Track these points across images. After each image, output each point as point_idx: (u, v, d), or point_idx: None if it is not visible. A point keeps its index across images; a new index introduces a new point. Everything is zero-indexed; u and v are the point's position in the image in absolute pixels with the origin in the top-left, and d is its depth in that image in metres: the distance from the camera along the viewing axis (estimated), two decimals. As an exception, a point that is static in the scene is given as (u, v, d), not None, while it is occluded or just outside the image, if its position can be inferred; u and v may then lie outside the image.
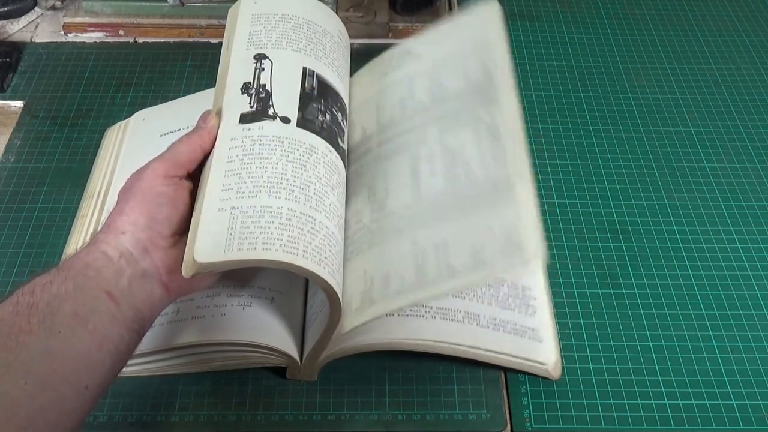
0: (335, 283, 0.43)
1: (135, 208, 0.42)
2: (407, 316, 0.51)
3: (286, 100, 0.48)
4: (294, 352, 0.50)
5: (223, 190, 0.43)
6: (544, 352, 0.52)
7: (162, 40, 0.77)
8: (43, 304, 0.38)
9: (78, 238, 0.57)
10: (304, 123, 0.47)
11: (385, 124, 0.53)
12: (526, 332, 0.52)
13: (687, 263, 0.60)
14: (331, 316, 0.44)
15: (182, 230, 0.44)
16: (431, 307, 0.51)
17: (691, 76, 0.76)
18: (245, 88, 0.48)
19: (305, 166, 0.45)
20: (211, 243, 0.41)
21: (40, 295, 0.38)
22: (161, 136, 0.60)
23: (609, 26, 0.81)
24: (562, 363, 0.53)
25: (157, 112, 0.65)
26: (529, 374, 0.53)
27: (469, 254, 0.43)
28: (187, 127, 0.47)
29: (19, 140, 0.68)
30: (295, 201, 0.43)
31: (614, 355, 0.54)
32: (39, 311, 0.38)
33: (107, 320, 0.40)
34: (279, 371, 0.52)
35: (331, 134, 0.49)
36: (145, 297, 0.42)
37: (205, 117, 0.47)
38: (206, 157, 0.46)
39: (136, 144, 0.62)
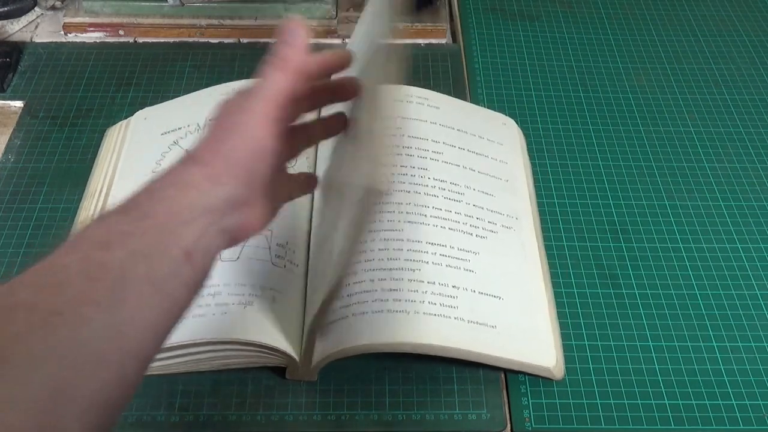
0: None
1: (240, 162, 0.36)
2: (407, 313, 0.51)
3: None
4: (294, 352, 0.50)
5: None
6: (547, 353, 0.52)
7: (162, 40, 0.77)
8: (117, 264, 0.31)
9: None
10: None
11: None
12: (527, 333, 0.53)
13: (687, 263, 0.60)
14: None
15: (267, 189, 0.39)
16: (434, 304, 0.51)
17: (691, 76, 0.76)
18: None
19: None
20: None
21: (116, 251, 0.32)
22: (163, 134, 0.60)
23: (609, 26, 0.81)
24: (564, 363, 0.53)
25: (159, 111, 0.65)
26: (530, 375, 0.53)
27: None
28: (189, 126, 0.46)
29: (19, 140, 0.68)
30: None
31: (614, 355, 0.54)
32: (110, 274, 0.31)
33: (181, 286, 0.33)
34: (279, 371, 0.52)
35: None
36: (213, 260, 0.36)
37: (290, 30, 0.38)
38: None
39: (138, 143, 0.62)
